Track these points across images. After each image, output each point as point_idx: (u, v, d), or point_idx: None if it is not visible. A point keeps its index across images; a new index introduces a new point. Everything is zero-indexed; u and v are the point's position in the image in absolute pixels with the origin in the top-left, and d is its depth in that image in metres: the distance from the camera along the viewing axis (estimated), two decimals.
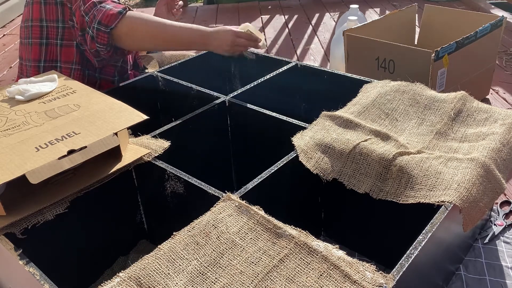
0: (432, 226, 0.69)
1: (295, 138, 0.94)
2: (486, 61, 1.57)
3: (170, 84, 1.26)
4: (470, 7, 2.75)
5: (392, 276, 0.60)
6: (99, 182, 0.84)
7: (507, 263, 0.98)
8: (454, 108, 0.99)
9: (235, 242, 0.66)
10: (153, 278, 0.61)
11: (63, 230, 0.83)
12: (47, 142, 0.81)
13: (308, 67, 1.28)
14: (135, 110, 0.92)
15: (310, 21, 2.84)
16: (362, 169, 0.85)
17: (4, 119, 0.90)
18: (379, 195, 0.82)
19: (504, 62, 2.02)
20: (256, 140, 1.12)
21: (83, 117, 0.89)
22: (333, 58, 1.81)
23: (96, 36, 1.13)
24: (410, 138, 0.91)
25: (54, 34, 1.21)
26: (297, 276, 0.60)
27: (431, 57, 1.29)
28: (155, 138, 0.97)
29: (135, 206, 0.98)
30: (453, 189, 0.76)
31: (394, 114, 0.99)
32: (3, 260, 0.76)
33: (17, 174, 0.72)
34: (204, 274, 0.61)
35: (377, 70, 1.47)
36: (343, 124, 0.95)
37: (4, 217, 0.75)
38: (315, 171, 0.87)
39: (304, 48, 2.40)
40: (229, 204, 0.73)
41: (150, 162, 0.89)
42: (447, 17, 1.71)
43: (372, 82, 1.13)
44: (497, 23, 1.50)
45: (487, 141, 0.88)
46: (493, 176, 0.83)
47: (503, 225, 1.07)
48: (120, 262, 0.98)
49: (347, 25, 1.67)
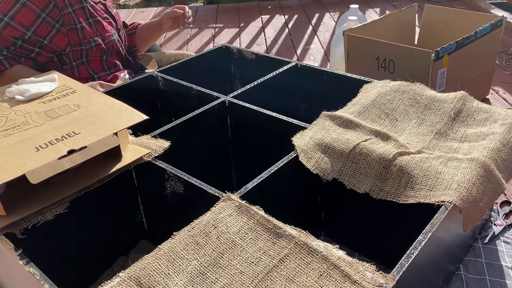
0: (432, 226, 0.69)
1: (295, 138, 0.94)
2: (486, 61, 1.57)
3: (170, 84, 1.26)
4: (470, 7, 2.75)
5: (392, 276, 0.60)
6: (99, 182, 0.84)
7: (507, 263, 0.98)
8: (454, 108, 0.99)
9: (235, 242, 0.66)
10: (153, 278, 0.61)
11: (63, 230, 0.83)
12: (47, 142, 0.81)
13: (308, 67, 1.28)
14: (135, 110, 0.92)
15: (310, 21, 2.84)
16: (362, 169, 0.85)
17: (4, 119, 0.90)
18: (379, 195, 0.82)
19: (504, 62, 2.02)
20: (256, 140, 1.12)
21: (83, 117, 0.89)
22: (333, 58, 1.81)
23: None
24: (410, 138, 0.91)
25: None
26: (297, 276, 0.61)
27: (431, 57, 1.29)
28: (155, 138, 0.97)
29: (135, 206, 0.98)
30: (453, 189, 0.76)
31: (394, 114, 0.99)
32: (3, 260, 0.76)
33: (17, 174, 0.72)
34: (204, 274, 0.61)
35: (377, 70, 1.47)
36: (343, 124, 0.95)
37: (4, 217, 0.75)
38: (315, 171, 0.87)
39: (304, 48, 2.40)
40: (229, 204, 0.73)
41: (150, 162, 0.89)
42: (447, 17, 1.71)
43: (372, 82, 1.13)
44: (497, 23, 1.50)
45: (487, 141, 0.88)
46: (493, 176, 0.83)
47: (503, 225, 1.07)
48: (120, 262, 0.98)
49: (347, 25, 1.67)
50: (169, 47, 2.52)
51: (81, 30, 1.30)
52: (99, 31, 1.35)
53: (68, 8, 1.27)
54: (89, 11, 1.33)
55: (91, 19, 1.33)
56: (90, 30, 1.32)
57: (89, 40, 1.31)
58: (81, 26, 1.30)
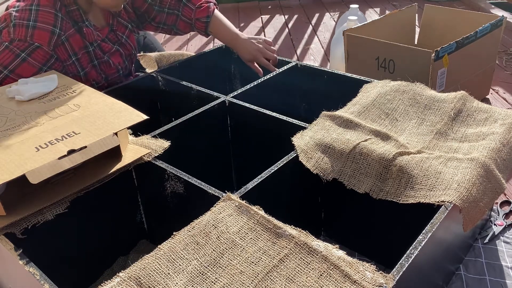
0: (432, 226, 0.69)
1: (295, 138, 0.94)
2: (486, 61, 1.57)
3: (170, 84, 1.26)
4: (470, 7, 2.75)
5: (392, 276, 0.60)
6: (99, 182, 0.84)
7: (507, 263, 0.98)
8: (454, 108, 0.99)
9: (235, 242, 0.66)
10: (153, 278, 0.61)
11: (63, 230, 0.83)
12: (47, 142, 0.81)
13: (308, 67, 1.28)
14: (135, 110, 0.92)
15: (310, 21, 2.84)
16: (362, 169, 0.85)
17: (4, 119, 0.90)
18: (379, 195, 0.82)
19: (504, 62, 2.02)
20: (256, 140, 1.12)
21: (83, 117, 0.89)
22: (333, 58, 1.81)
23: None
24: (410, 138, 0.91)
25: None
26: (297, 276, 0.61)
27: (431, 57, 1.29)
28: (155, 138, 0.97)
29: (135, 206, 0.98)
30: (453, 189, 0.76)
31: (394, 114, 0.99)
32: (3, 260, 0.76)
33: (17, 174, 0.72)
34: (204, 274, 0.61)
35: (377, 70, 1.47)
36: (343, 124, 0.95)
37: (4, 217, 0.75)
38: (315, 171, 0.87)
39: (304, 48, 2.40)
40: (229, 204, 0.73)
41: (150, 162, 0.89)
42: (447, 17, 1.71)
43: (372, 82, 1.13)
44: (497, 23, 1.50)
45: (487, 141, 0.88)
46: (493, 176, 0.83)
47: (503, 225, 1.07)
48: (120, 262, 0.98)
49: (347, 25, 1.67)
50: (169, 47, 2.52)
51: (84, 76, 1.23)
52: (103, 71, 1.28)
53: (71, 58, 1.19)
54: (95, 53, 1.25)
55: (96, 61, 1.25)
56: (94, 73, 1.26)
57: (92, 83, 1.25)
58: (85, 72, 1.23)
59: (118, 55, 1.32)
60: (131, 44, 1.36)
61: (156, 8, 1.39)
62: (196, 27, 1.40)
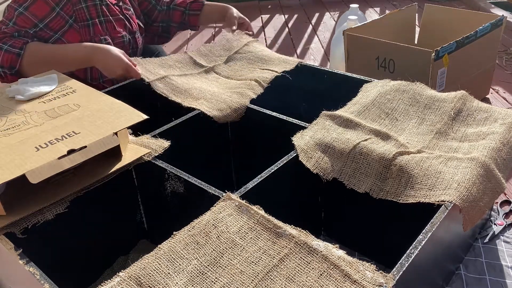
0: (432, 225, 0.69)
1: (295, 137, 0.94)
2: (486, 61, 1.57)
3: None
4: (470, 7, 2.75)
5: (392, 276, 0.60)
6: (99, 182, 0.84)
7: (507, 262, 0.98)
8: (454, 107, 0.99)
9: (235, 242, 0.66)
10: (153, 278, 0.61)
11: (63, 230, 0.83)
12: (47, 142, 0.81)
13: (308, 67, 1.28)
14: (135, 110, 0.92)
15: (310, 20, 2.84)
16: (362, 169, 0.85)
17: (4, 119, 0.90)
18: (379, 195, 0.82)
19: (504, 62, 2.02)
20: (256, 140, 1.12)
21: (83, 116, 0.89)
22: (333, 58, 1.81)
23: (5, 76, 1.22)
24: (410, 138, 0.91)
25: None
26: (297, 276, 0.61)
27: (431, 56, 1.29)
28: (155, 138, 0.97)
29: (135, 206, 0.98)
30: (453, 188, 0.76)
31: (394, 113, 0.99)
32: (3, 260, 0.76)
33: (17, 174, 0.72)
34: (204, 274, 0.61)
35: (377, 69, 1.47)
36: (343, 124, 0.95)
37: (4, 217, 0.75)
38: (315, 171, 0.87)
39: (304, 47, 2.40)
40: (229, 204, 0.73)
41: (150, 161, 0.89)
42: (447, 17, 1.71)
43: (372, 81, 1.13)
44: (497, 22, 1.50)
45: (487, 141, 0.88)
46: (493, 176, 0.83)
47: (503, 224, 1.07)
48: (120, 262, 0.98)
49: (347, 25, 1.67)
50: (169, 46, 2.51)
51: (92, 27, 1.31)
52: (109, 31, 1.35)
53: (81, 3, 1.29)
54: (101, 10, 1.33)
55: (102, 17, 1.33)
56: (100, 29, 1.33)
57: (100, 39, 1.31)
58: (93, 23, 1.31)
59: (122, 24, 1.40)
60: (134, 25, 1.45)
61: (158, 7, 1.56)
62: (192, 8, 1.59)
